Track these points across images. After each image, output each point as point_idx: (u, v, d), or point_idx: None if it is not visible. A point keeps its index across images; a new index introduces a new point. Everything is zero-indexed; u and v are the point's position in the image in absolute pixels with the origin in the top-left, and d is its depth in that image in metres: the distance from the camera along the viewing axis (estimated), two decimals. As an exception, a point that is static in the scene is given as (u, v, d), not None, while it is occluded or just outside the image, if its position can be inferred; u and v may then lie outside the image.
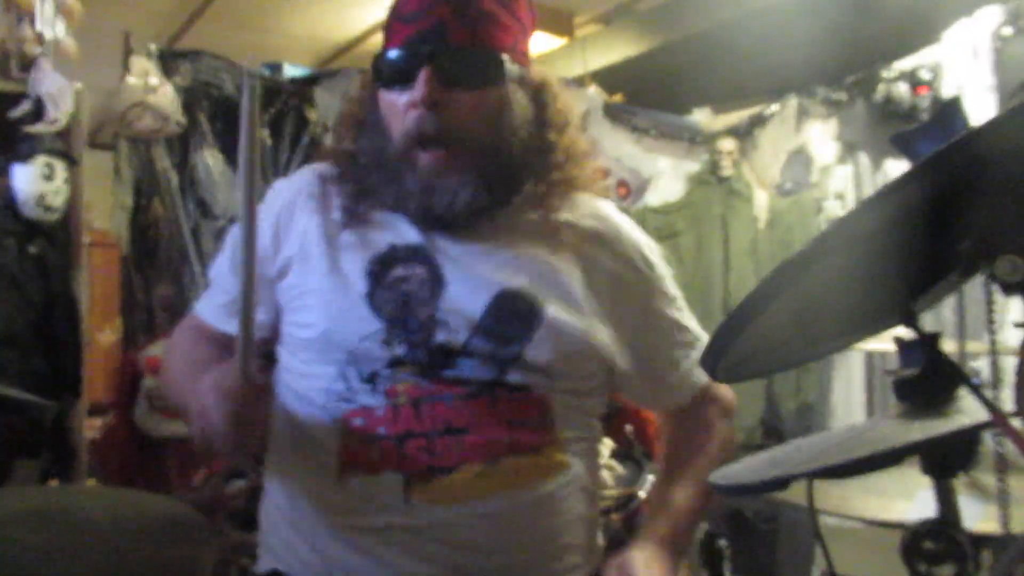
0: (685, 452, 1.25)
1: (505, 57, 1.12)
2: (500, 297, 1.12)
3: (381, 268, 1.13)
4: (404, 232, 1.15)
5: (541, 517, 1.12)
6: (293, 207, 1.21)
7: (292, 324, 1.18)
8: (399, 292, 1.11)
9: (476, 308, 1.11)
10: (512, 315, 1.11)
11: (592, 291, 1.17)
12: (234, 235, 1.26)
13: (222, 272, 1.27)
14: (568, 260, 1.17)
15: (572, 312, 1.14)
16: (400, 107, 1.11)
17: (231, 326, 1.10)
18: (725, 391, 1.29)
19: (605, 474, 1.81)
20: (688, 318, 1.26)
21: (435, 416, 1.08)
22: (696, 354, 1.23)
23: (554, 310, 1.12)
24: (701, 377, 1.24)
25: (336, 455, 1.10)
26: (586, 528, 1.18)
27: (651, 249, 1.27)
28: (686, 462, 1.24)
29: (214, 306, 1.27)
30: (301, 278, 1.17)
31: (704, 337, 1.24)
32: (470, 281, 1.12)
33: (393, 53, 1.12)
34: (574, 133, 1.21)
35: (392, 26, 1.15)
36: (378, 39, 1.25)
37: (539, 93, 1.19)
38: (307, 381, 1.14)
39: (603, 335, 1.16)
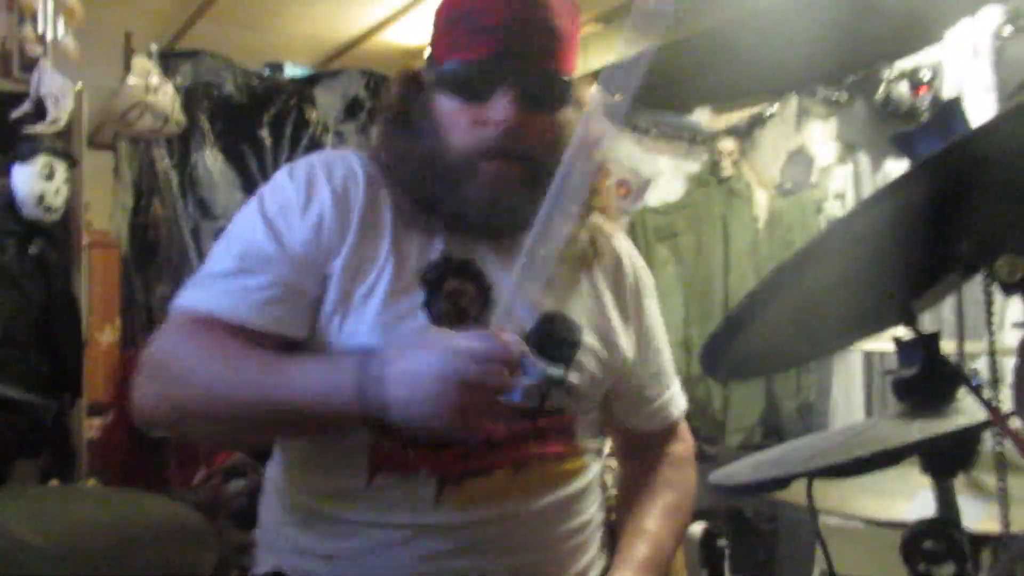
0: (656, 486, 1.26)
1: (575, 81, 1.12)
2: (544, 320, 1.11)
3: (437, 277, 1.09)
4: (454, 243, 1.12)
5: (562, 518, 1.14)
6: (343, 201, 1.10)
7: (334, 329, 1.06)
8: (456, 306, 1.08)
9: (524, 329, 1.08)
10: (555, 338, 1.11)
11: (617, 315, 1.20)
12: (257, 215, 1.09)
13: (256, 257, 1.06)
14: (599, 282, 1.20)
15: (603, 336, 1.17)
16: (467, 118, 1.08)
17: (286, 322, 1.02)
18: (690, 434, 1.34)
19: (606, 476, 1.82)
20: (668, 348, 1.31)
21: None
22: (675, 386, 1.30)
23: (590, 334, 1.14)
24: (676, 410, 1.30)
25: (366, 453, 1.07)
26: (598, 528, 1.21)
27: (650, 276, 1.31)
28: (657, 495, 1.24)
29: (254, 303, 1.04)
30: (352, 275, 1.07)
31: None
32: (516, 301, 1.10)
33: (471, 65, 1.08)
34: (603, 151, 1.21)
35: (466, 33, 1.09)
36: (378, 39, 1.24)
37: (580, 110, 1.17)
38: None
39: (626, 358, 1.20)
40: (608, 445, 1.52)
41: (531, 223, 1.01)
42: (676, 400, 1.30)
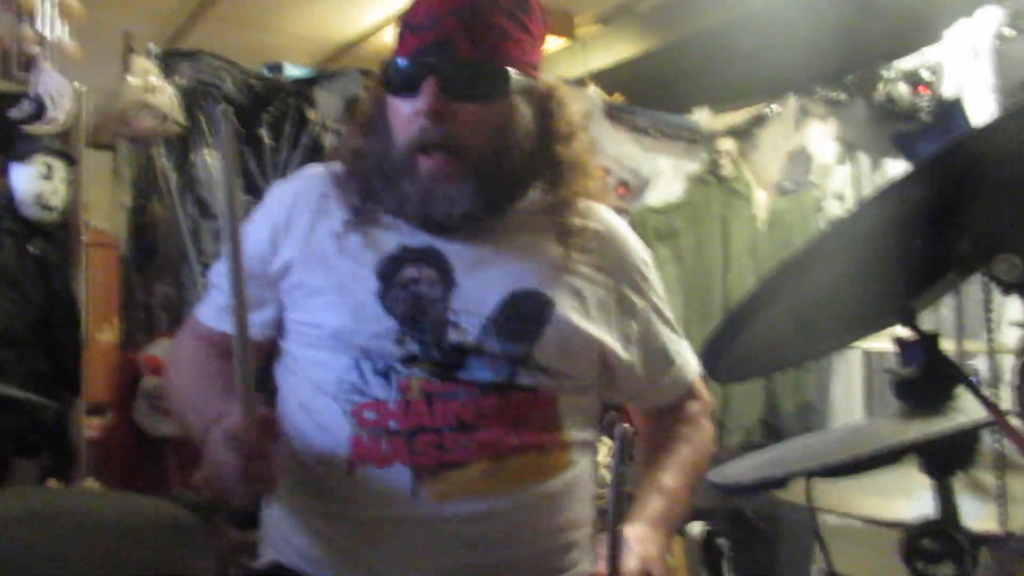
0: (672, 442, 1.27)
1: (511, 70, 1.13)
2: (511, 297, 1.14)
3: (392, 268, 1.14)
4: (412, 234, 1.17)
5: (545, 514, 1.13)
6: (293, 208, 1.22)
7: (299, 322, 1.19)
8: (411, 292, 1.13)
9: (487, 308, 1.13)
10: (523, 314, 1.13)
11: (599, 292, 1.20)
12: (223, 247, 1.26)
13: (221, 274, 1.27)
14: (577, 262, 1.20)
15: (580, 312, 1.17)
16: (405, 114, 1.13)
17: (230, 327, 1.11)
18: (705, 391, 1.34)
19: (604, 473, 1.81)
20: (672, 316, 1.32)
21: (447, 412, 1.10)
22: (684, 353, 1.30)
23: (563, 309, 1.15)
24: (689, 375, 1.31)
25: (347, 446, 1.11)
26: (588, 526, 1.20)
27: (647, 252, 1.32)
28: (674, 451, 1.25)
29: (214, 308, 1.27)
30: (306, 276, 1.18)
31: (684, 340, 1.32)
32: (481, 282, 1.14)
33: (401, 62, 1.13)
34: (581, 142, 1.22)
35: (402, 34, 1.16)
36: (378, 39, 1.26)
37: (545, 103, 1.20)
38: (319, 372, 1.15)
39: (609, 335, 1.20)
40: (608, 445, 1.52)
41: (476, 214, 1.12)
42: (685, 368, 1.30)
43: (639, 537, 1.09)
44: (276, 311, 1.21)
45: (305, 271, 1.18)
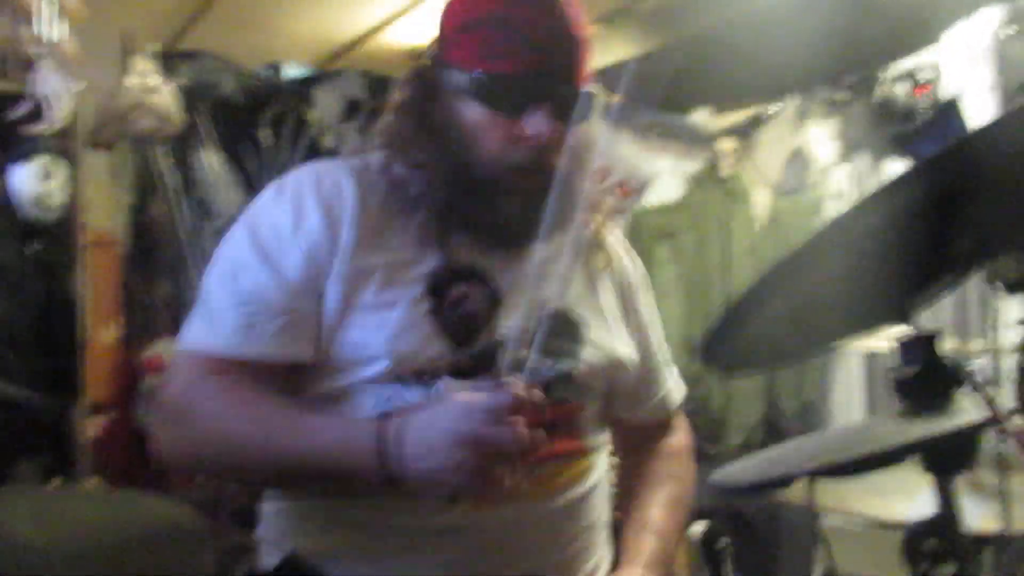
0: (659, 477, 1.26)
1: (594, 94, 1.10)
2: (552, 316, 1.09)
3: (442, 285, 1.08)
4: (460, 249, 1.11)
5: (572, 520, 1.14)
6: (335, 210, 1.09)
7: (340, 342, 1.06)
8: (462, 311, 1.08)
9: (532, 326, 1.10)
10: (562, 334, 1.12)
11: (616, 311, 1.23)
12: (249, 241, 1.09)
13: (254, 288, 1.06)
14: (600, 279, 1.21)
15: (607, 331, 1.19)
16: (500, 131, 1.07)
17: (297, 348, 1.03)
18: (686, 424, 1.34)
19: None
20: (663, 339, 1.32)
21: None
22: (672, 376, 1.32)
23: (594, 329, 1.16)
24: (675, 400, 1.32)
25: None
26: (605, 526, 1.21)
27: (641, 267, 1.33)
28: (661, 487, 1.24)
29: (262, 336, 1.04)
30: (352, 290, 1.06)
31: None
32: (524, 300, 1.10)
33: (508, 78, 1.06)
34: (596, 154, 1.21)
35: (501, 40, 1.06)
36: (378, 39, 1.24)
37: None
38: (355, 378, 1.06)
39: (629, 352, 1.21)
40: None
41: (552, 231, 1.03)
42: (673, 392, 1.32)
43: None
44: (317, 323, 1.07)
45: (349, 287, 1.06)
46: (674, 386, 1.32)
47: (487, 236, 1.11)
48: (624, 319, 1.24)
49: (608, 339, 1.18)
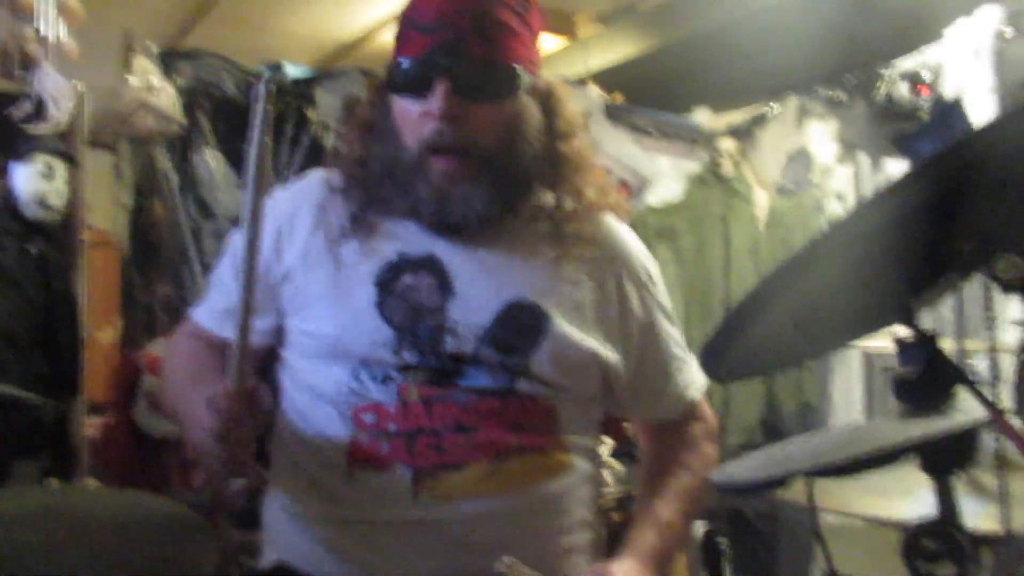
0: (670, 467, 1.25)
1: (520, 69, 1.13)
2: (508, 308, 1.13)
3: (390, 277, 1.13)
4: (412, 241, 1.15)
5: (546, 517, 1.13)
6: (295, 215, 1.21)
7: (299, 331, 1.18)
8: (409, 301, 1.12)
9: (484, 318, 1.12)
10: (519, 326, 1.13)
11: (600, 304, 1.19)
12: (235, 241, 1.25)
13: (222, 277, 1.27)
14: (577, 272, 1.18)
15: (578, 325, 1.16)
16: (415, 115, 1.11)
17: (229, 332, 1.10)
18: (710, 412, 1.32)
19: (604, 473, 1.82)
20: (679, 333, 1.29)
21: (445, 414, 1.09)
22: (689, 370, 1.27)
23: (560, 323, 1.14)
24: (693, 393, 1.28)
25: (346, 449, 1.11)
26: (589, 530, 1.20)
27: (653, 264, 1.30)
28: (671, 477, 1.23)
29: (213, 311, 1.27)
30: (305, 285, 1.17)
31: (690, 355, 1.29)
32: (479, 291, 1.13)
33: (410, 63, 1.12)
34: (581, 140, 1.21)
35: (407, 34, 1.14)
36: (379, 39, 1.26)
37: (547, 101, 1.19)
38: (318, 378, 1.15)
39: (607, 348, 1.18)
40: (608, 445, 1.52)
41: (491, 215, 1.11)
42: (690, 385, 1.27)
43: (627, 572, 1.08)
44: (276, 319, 1.21)
45: (304, 279, 1.17)
46: (692, 380, 1.27)
47: (435, 225, 1.14)
48: (619, 315, 1.21)
49: (576, 333, 1.15)
